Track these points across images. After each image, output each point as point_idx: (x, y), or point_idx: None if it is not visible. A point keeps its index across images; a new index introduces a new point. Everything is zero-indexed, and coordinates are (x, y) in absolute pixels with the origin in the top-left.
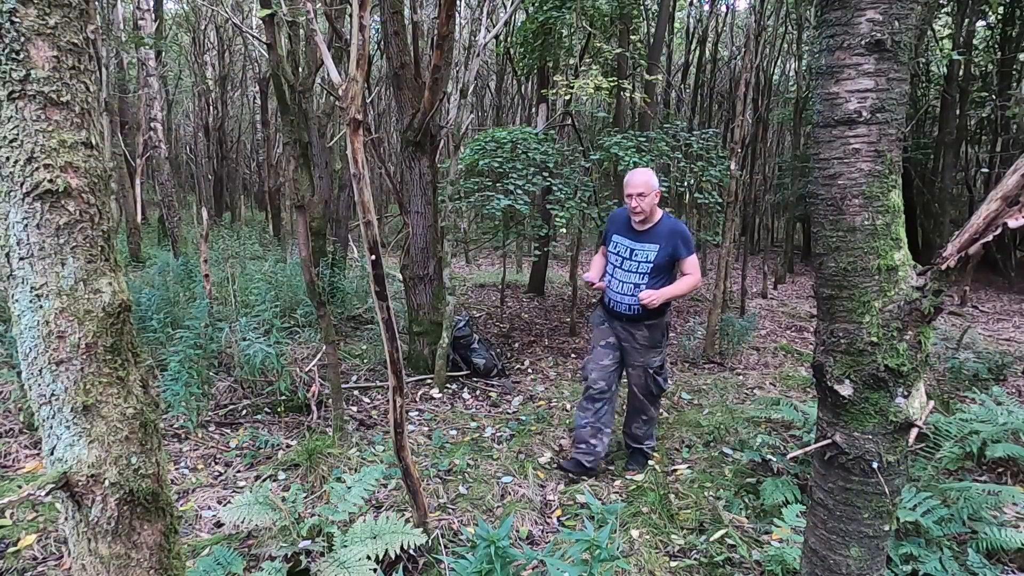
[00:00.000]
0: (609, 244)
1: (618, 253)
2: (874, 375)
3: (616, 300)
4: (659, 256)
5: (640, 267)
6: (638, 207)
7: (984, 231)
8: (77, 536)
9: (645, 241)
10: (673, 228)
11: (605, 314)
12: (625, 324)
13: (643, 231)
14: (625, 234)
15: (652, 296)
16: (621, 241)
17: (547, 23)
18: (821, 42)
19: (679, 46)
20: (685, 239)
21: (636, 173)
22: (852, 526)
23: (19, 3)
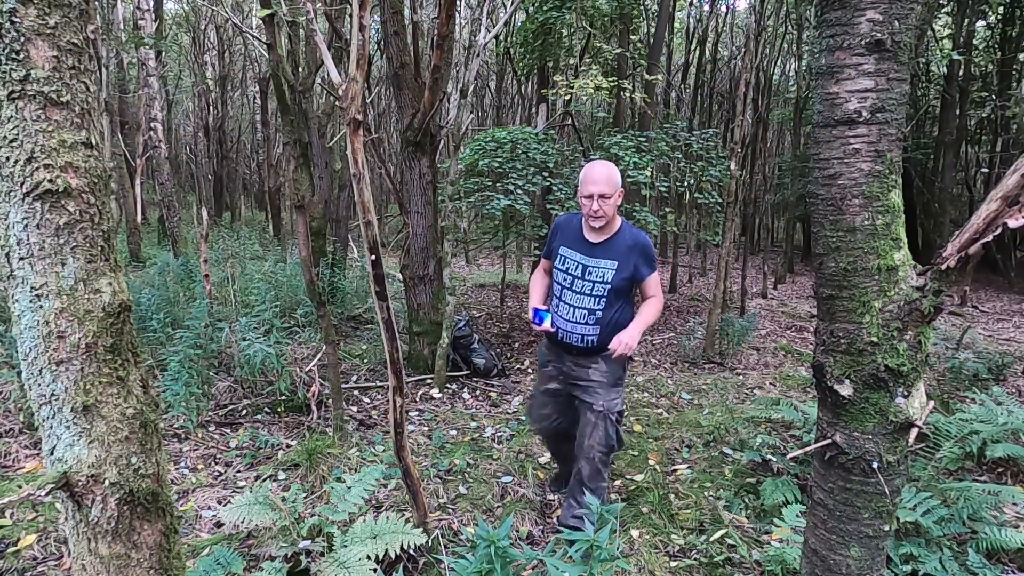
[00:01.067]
0: (555, 259)
1: (567, 271)
2: (874, 375)
3: (565, 330)
4: (617, 277)
5: (595, 289)
6: (600, 210)
7: (984, 231)
8: (77, 536)
9: (601, 256)
10: (635, 241)
11: (551, 349)
12: (577, 359)
13: (599, 243)
14: (576, 246)
15: (626, 343)
16: (571, 256)
17: (547, 23)
18: (821, 42)
19: (679, 46)
20: (648, 255)
21: (597, 165)
22: (852, 526)
23: (19, 3)
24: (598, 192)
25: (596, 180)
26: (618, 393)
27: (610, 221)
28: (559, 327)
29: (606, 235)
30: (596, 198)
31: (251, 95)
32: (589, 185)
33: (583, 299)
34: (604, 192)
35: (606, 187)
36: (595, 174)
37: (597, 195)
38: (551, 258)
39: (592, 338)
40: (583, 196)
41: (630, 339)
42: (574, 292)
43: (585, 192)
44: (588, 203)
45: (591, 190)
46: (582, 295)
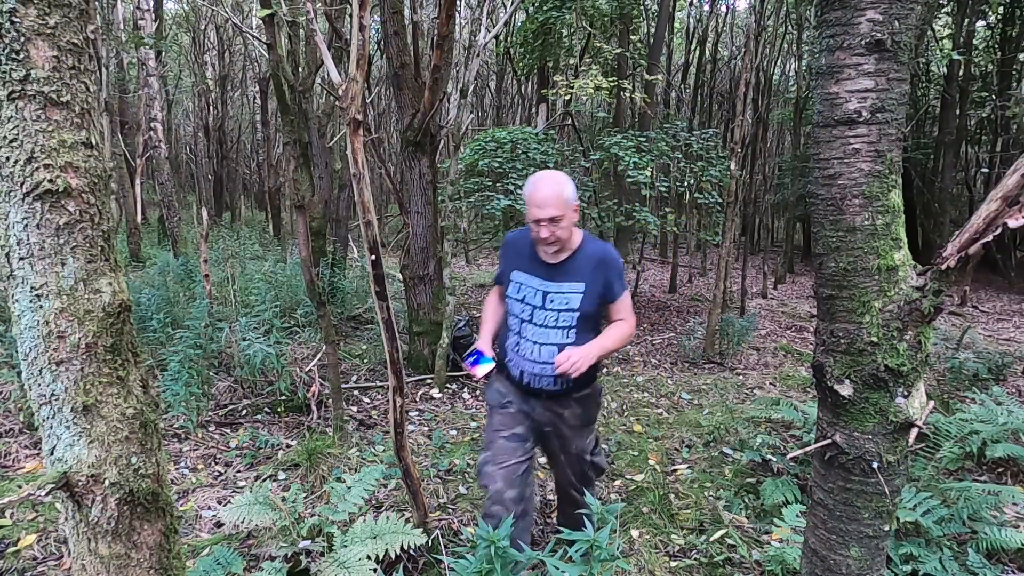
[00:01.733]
0: (508, 287)
1: (524, 300)
2: (874, 375)
3: (532, 372)
4: (586, 301)
5: (560, 319)
6: (551, 236)
7: (984, 231)
8: (77, 536)
9: (564, 279)
10: (602, 256)
11: (513, 391)
12: (548, 403)
13: (560, 264)
14: (532, 269)
15: (574, 361)
16: (527, 282)
17: (547, 23)
18: (821, 42)
19: (679, 46)
20: (618, 271)
21: (542, 184)
22: (852, 526)
23: (19, 3)
24: (546, 217)
25: (542, 203)
26: (592, 431)
27: (567, 240)
28: (524, 370)
29: (566, 253)
30: (545, 224)
31: (251, 95)
32: (535, 210)
33: (548, 333)
34: (554, 215)
35: (555, 209)
36: (541, 196)
37: (546, 220)
38: (502, 283)
39: (567, 379)
40: (530, 221)
41: (581, 357)
42: (536, 326)
43: (531, 217)
44: (536, 229)
45: (537, 215)
46: (546, 328)
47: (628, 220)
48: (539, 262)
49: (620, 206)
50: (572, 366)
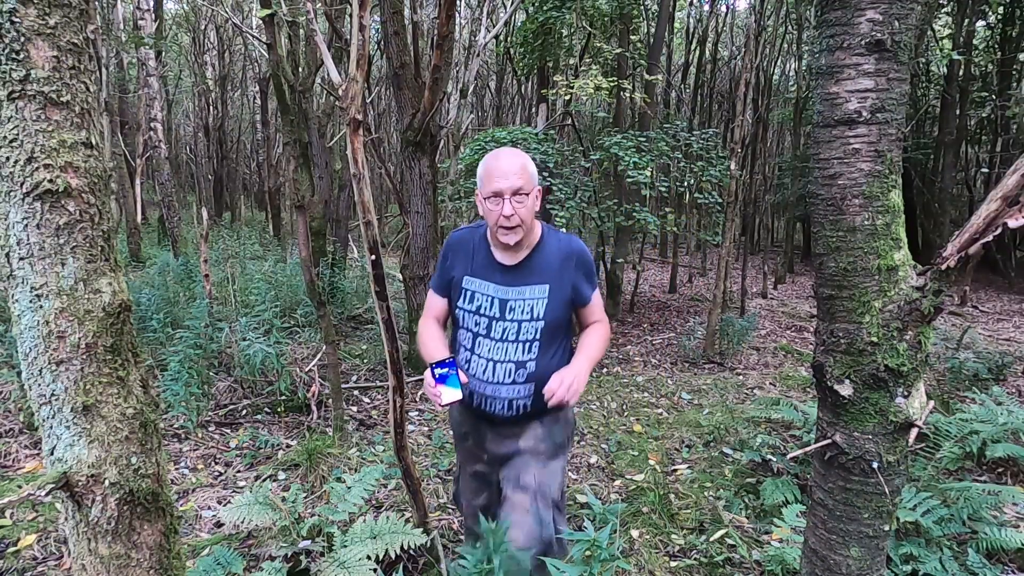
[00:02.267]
0: (458, 297)
1: (478, 311)
2: (874, 375)
3: (488, 395)
4: (552, 307)
5: (522, 330)
6: (514, 216)
7: (984, 231)
8: (77, 536)
9: (525, 282)
10: (568, 250)
11: (467, 417)
12: (502, 429)
13: (519, 264)
14: (486, 274)
15: (570, 384)
16: (480, 289)
17: (547, 23)
18: (821, 42)
19: (679, 46)
20: (587, 267)
21: (504, 152)
22: (852, 526)
23: (19, 3)
24: (510, 188)
25: (506, 172)
26: (560, 466)
27: (529, 231)
28: (475, 391)
29: (525, 250)
30: (508, 199)
31: (251, 95)
32: (496, 180)
33: (507, 348)
34: (519, 187)
35: (519, 179)
36: (504, 165)
37: (509, 193)
38: (446, 293)
39: (524, 402)
40: (486, 198)
41: (575, 379)
42: (493, 340)
43: (490, 189)
44: (495, 208)
45: (499, 186)
46: (504, 342)
47: (628, 220)
48: (494, 265)
49: (620, 206)
50: (568, 391)
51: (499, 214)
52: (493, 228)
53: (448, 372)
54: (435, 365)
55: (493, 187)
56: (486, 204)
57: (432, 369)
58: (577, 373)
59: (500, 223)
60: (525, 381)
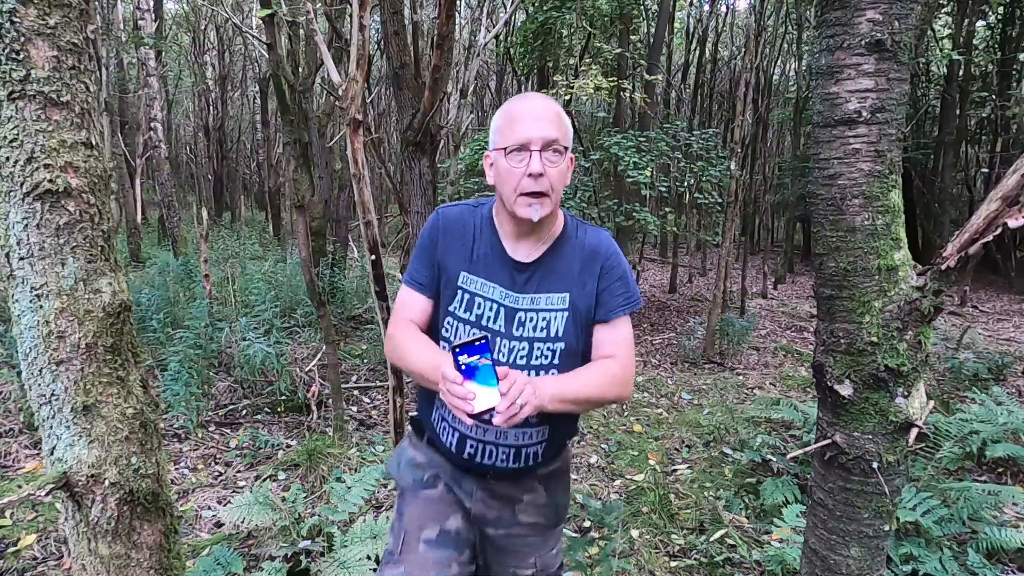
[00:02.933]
0: (450, 299)
1: (478, 322)
2: (874, 375)
3: (489, 442)
4: (573, 322)
5: (536, 354)
6: (543, 177)
7: (984, 231)
8: (77, 536)
9: (540, 288)
10: (594, 248)
11: (440, 464)
12: (496, 487)
13: (535, 263)
14: (490, 273)
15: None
16: (482, 292)
17: (547, 23)
18: (821, 42)
19: (679, 46)
20: (621, 272)
21: (536, 97)
22: (852, 526)
23: (19, 3)
24: (542, 138)
25: (538, 115)
26: (558, 538)
27: (555, 212)
28: (466, 435)
29: (546, 242)
30: (538, 152)
31: (251, 95)
32: (523, 126)
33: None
34: (553, 139)
35: (555, 129)
36: (536, 107)
37: (540, 144)
38: (438, 296)
39: (536, 449)
40: (508, 151)
41: (530, 391)
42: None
43: (515, 138)
44: (519, 167)
45: (527, 133)
46: (511, 368)
47: (628, 220)
48: (502, 259)
49: (620, 206)
50: (526, 405)
51: (523, 174)
52: (510, 198)
53: (480, 361)
54: (460, 349)
55: (519, 135)
56: (504, 162)
57: (455, 356)
58: (537, 387)
59: (523, 187)
60: (539, 423)
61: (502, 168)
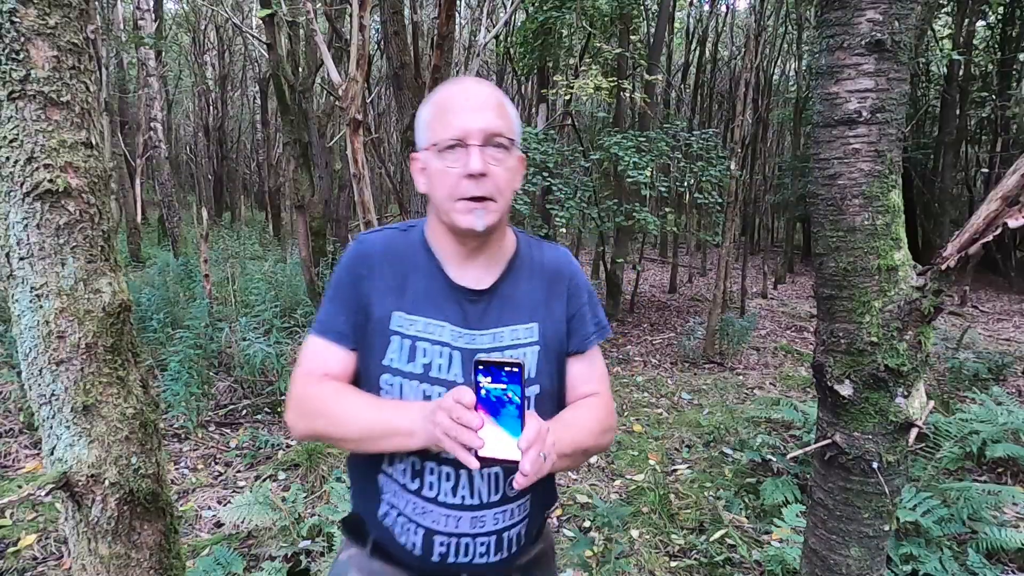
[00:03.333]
0: (382, 350)
1: (426, 375)
2: (874, 375)
3: (462, 534)
4: (547, 359)
5: (503, 405)
6: (487, 178)
7: (984, 231)
8: (77, 536)
9: (502, 320)
10: (557, 267)
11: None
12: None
13: (490, 290)
14: (433, 308)
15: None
16: (427, 334)
17: (547, 23)
18: (821, 42)
19: (679, 46)
20: (589, 292)
21: (472, 82)
22: (852, 526)
23: (19, 3)
24: (482, 131)
25: (476, 104)
26: None
27: (503, 222)
28: (434, 529)
29: (498, 264)
30: (480, 150)
31: (251, 95)
32: (457, 116)
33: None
34: (496, 130)
35: (497, 119)
36: (472, 94)
37: (480, 138)
38: (363, 346)
39: (519, 531)
40: (441, 148)
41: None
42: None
43: (447, 133)
44: (456, 167)
45: (464, 124)
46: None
47: (628, 220)
48: (448, 289)
49: (620, 206)
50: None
51: (461, 174)
52: (446, 205)
53: (506, 395)
54: (486, 368)
55: (454, 128)
56: (437, 162)
57: (476, 373)
58: (571, 440)
59: (462, 191)
60: (517, 496)
61: (434, 170)
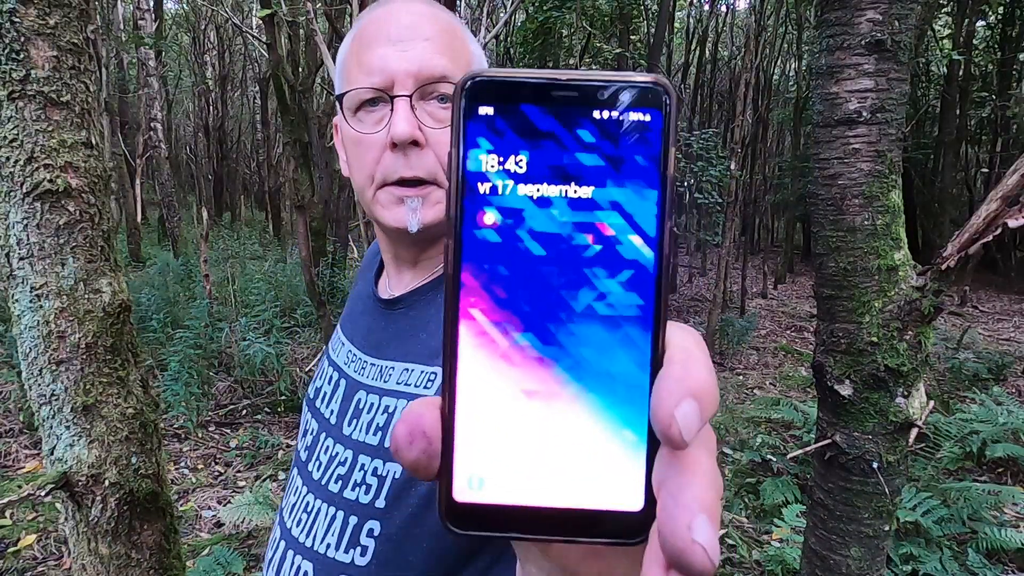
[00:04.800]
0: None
1: (315, 399)
2: (874, 375)
3: None
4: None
5: (356, 476)
6: (424, 149)
7: (984, 231)
8: (77, 536)
9: (400, 354)
10: None
11: None
12: None
13: (399, 300)
14: (350, 319)
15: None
16: (332, 349)
17: (547, 23)
18: (821, 42)
19: (679, 46)
20: None
21: (405, 4)
22: (852, 526)
23: (19, 3)
24: (417, 75)
25: (408, 32)
26: None
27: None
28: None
29: (431, 268)
30: (406, 106)
31: (251, 95)
32: (383, 50)
33: (314, 520)
34: (440, 72)
35: (442, 56)
36: (402, 18)
37: (415, 86)
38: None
39: None
40: (352, 105)
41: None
42: (304, 485)
43: (366, 81)
44: (376, 131)
45: (392, 66)
46: (318, 499)
47: None
48: (369, 296)
49: None
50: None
51: (383, 144)
52: (363, 195)
53: (585, 226)
54: (495, 108)
55: (370, 71)
56: (351, 128)
57: (460, 150)
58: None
59: (384, 171)
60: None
61: (348, 139)
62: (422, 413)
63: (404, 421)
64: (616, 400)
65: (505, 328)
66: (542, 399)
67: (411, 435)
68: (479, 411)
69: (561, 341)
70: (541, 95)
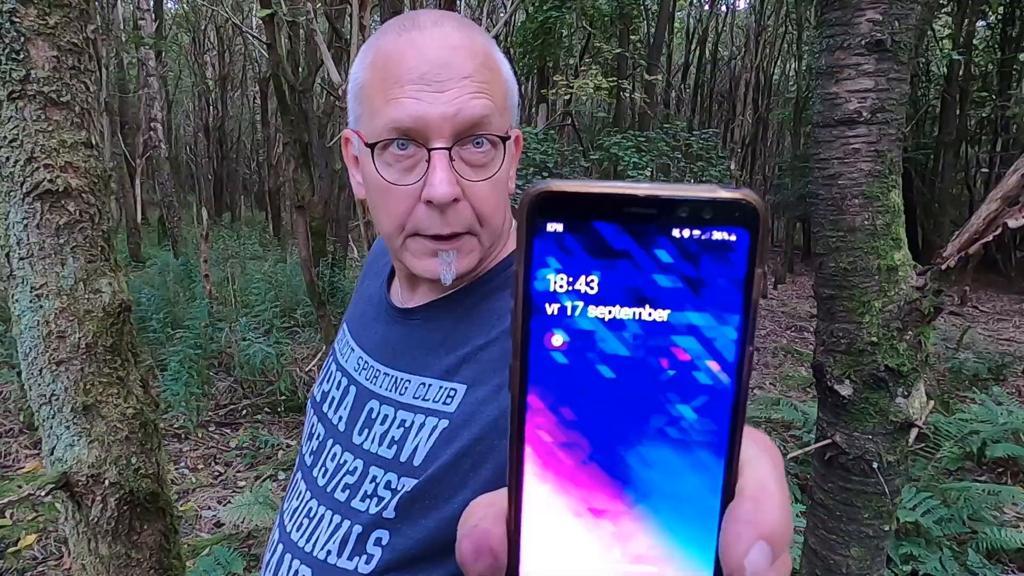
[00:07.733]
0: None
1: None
2: (874, 375)
3: None
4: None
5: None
6: (461, 202)
7: (984, 231)
8: (77, 536)
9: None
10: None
11: None
12: None
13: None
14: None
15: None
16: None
17: (547, 23)
18: (821, 42)
19: (679, 46)
20: None
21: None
22: (852, 526)
23: (19, 3)
24: (459, 120)
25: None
26: None
27: (495, 238)
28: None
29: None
30: (446, 161)
31: (251, 95)
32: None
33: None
34: (481, 116)
35: (483, 95)
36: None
37: (453, 133)
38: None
39: None
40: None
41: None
42: (309, 491)
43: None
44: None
45: (427, 112)
46: (322, 506)
47: None
48: (381, 301)
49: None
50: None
51: (416, 196)
52: (393, 238)
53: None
54: (572, 225)
55: (400, 112)
56: (376, 170)
57: (526, 270)
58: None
59: (417, 224)
60: None
61: (372, 180)
62: (489, 530)
63: (470, 537)
64: (685, 523)
65: (572, 450)
66: (609, 518)
67: (478, 552)
68: (545, 528)
69: (630, 463)
70: (616, 211)
